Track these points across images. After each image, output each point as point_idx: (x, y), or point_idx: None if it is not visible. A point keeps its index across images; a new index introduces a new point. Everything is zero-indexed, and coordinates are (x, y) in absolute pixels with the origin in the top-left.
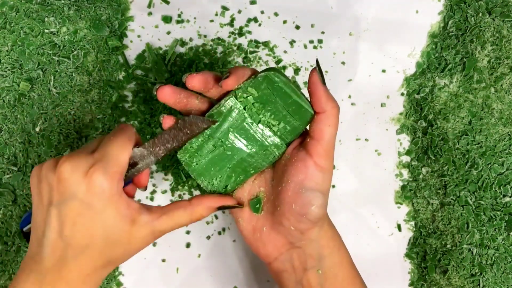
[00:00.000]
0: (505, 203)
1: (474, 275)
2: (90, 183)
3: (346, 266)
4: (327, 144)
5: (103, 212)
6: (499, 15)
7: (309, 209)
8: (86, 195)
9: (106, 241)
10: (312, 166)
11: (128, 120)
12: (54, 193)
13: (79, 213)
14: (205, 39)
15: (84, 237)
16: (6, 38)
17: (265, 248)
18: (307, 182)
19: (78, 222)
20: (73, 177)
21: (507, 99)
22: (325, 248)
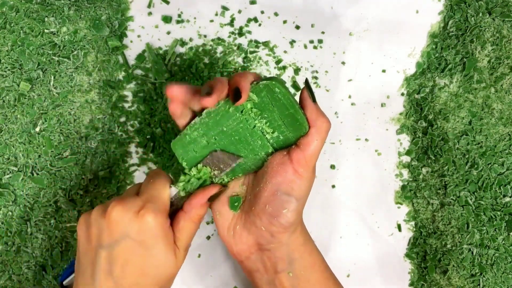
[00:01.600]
0: (505, 203)
1: (474, 275)
2: (143, 222)
3: (318, 269)
4: (310, 155)
5: (155, 248)
6: (499, 15)
7: (281, 212)
8: (138, 234)
9: (156, 277)
10: (291, 171)
11: (128, 120)
12: (104, 236)
13: (131, 252)
14: (205, 39)
15: (134, 275)
16: (6, 38)
17: (237, 246)
18: (284, 186)
19: (130, 261)
20: (125, 218)
21: (507, 99)
22: (295, 252)
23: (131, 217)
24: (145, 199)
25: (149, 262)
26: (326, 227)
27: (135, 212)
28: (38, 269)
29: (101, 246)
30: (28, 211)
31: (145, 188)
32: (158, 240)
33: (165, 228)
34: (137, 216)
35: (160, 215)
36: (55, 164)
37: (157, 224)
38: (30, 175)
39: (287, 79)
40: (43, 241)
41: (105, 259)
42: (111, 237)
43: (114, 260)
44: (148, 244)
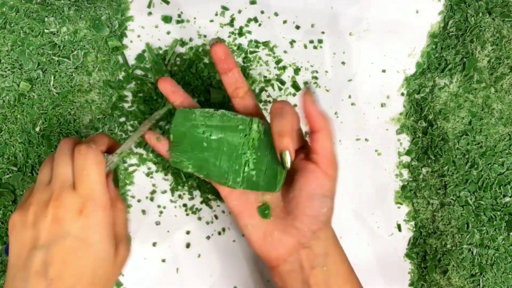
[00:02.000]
0: (505, 203)
1: (474, 275)
2: (86, 220)
3: (345, 262)
4: (330, 155)
5: (97, 244)
6: (499, 15)
7: (321, 212)
8: (81, 232)
9: (93, 277)
10: (321, 175)
11: (128, 120)
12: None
13: (70, 250)
14: (205, 39)
15: (72, 277)
16: (6, 38)
17: (276, 250)
18: (318, 189)
19: (68, 261)
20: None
21: (507, 99)
22: (330, 246)
23: (73, 217)
24: (84, 195)
25: (88, 262)
26: None
27: (76, 210)
28: None
29: (35, 247)
30: None
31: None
32: (102, 235)
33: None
34: (79, 215)
35: (103, 209)
36: None
37: (101, 220)
38: (30, 175)
39: (287, 79)
40: None
41: (40, 260)
42: (50, 237)
43: (50, 261)
44: (90, 241)
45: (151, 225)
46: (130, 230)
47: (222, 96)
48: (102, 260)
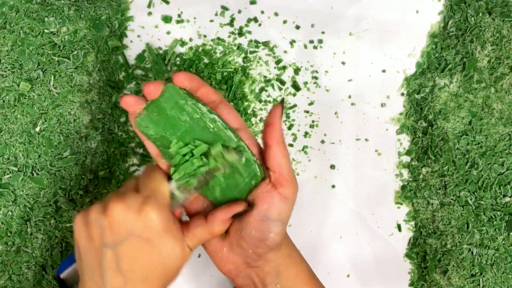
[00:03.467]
0: (505, 203)
1: (474, 275)
2: (146, 219)
3: (303, 277)
4: (286, 174)
5: (161, 244)
6: (499, 15)
7: (268, 236)
8: (143, 231)
9: (164, 270)
10: (277, 197)
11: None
12: (107, 235)
13: (137, 248)
14: (205, 39)
15: (143, 270)
16: (6, 38)
17: (225, 266)
18: (270, 211)
19: (137, 257)
20: (128, 217)
21: (507, 99)
22: (281, 265)
23: (134, 215)
24: (145, 195)
25: (156, 257)
26: (326, 227)
27: (137, 210)
28: (38, 269)
29: (105, 245)
30: (28, 211)
31: (143, 184)
32: (164, 235)
33: (169, 223)
34: (140, 214)
35: (163, 209)
36: (55, 164)
37: (161, 220)
38: (30, 175)
39: (287, 79)
40: (43, 241)
41: (111, 258)
42: (115, 236)
43: (121, 258)
44: (154, 240)
45: None
46: None
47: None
48: (168, 256)
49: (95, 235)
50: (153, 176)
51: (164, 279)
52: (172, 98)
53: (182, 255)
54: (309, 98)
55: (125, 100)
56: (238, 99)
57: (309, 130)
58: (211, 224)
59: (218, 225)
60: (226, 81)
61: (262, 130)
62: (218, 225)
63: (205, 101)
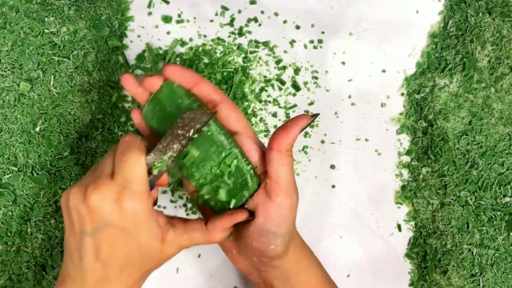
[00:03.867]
0: (505, 203)
1: (474, 275)
2: (122, 209)
3: (314, 284)
4: (285, 182)
5: (138, 233)
6: (499, 15)
7: (268, 248)
8: (120, 221)
9: (142, 258)
10: (273, 208)
11: (128, 120)
12: (86, 223)
13: (115, 237)
14: (205, 39)
15: (122, 257)
16: (6, 38)
17: (237, 265)
18: (268, 224)
19: (115, 245)
20: (104, 206)
21: (507, 99)
22: (290, 271)
23: (110, 205)
24: (121, 184)
25: (133, 246)
26: (326, 227)
27: (113, 200)
28: (38, 269)
29: (84, 232)
30: (28, 211)
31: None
32: (141, 226)
33: (147, 213)
34: (116, 204)
35: (139, 199)
36: (55, 164)
37: (138, 211)
38: (30, 175)
39: (287, 79)
40: (43, 241)
41: (90, 244)
42: (93, 224)
43: (99, 245)
44: (130, 230)
45: None
46: None
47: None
48: (146, 246)
49: (75, 221)
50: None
51: (144, 267)
52: (170, 95)
53: (160, 248)
54: (309, 98)
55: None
56: (238, 99)
57: (309, 130)
58: (211, 232)
59: (218, 233)
60: (226, 81)
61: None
62: (217, 233)
63: (204, 100)
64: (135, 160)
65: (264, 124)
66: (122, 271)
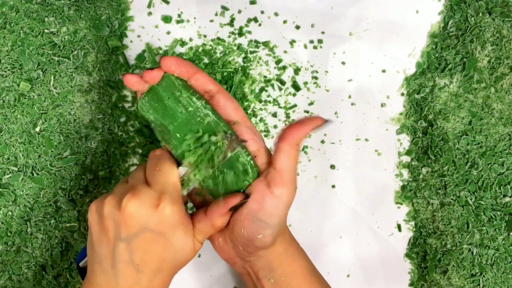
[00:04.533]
0: (505, 203)
1: (474, 275)
2: (161, 214)
3: (300, 275)
4: (287, 175)
5: (174, 237)
6: (499, 15)
7: (256, 237)
8: (157, 226)
9: (175, 262)
10: (269, 198)
11: (129, 120)
12: (121, 229)
13: (150, 242)
14: (205, 39)
15: (155, 262)
16: (6, 38)
17: (222, 254)
18: (260, 213)
19: (150, 250)
20: (142, 211)
21: (507, 99)
22: (274, 261)
23: (149, 211)
24: (159, 190)
25: (169, 250)
26: (326, 227)
27: (152, 205)
28: (38, 269)
29: (119, 239)
30: (28, 211)
31: (153, 177)
32: (177, 230)
33: (182, 217)
34: (155, 209)
35: (177, 204)
36: (55, 164)
37: (175, 215)
38: (30, 175)
39: (287, 79)
40: (43, 241)
41: (124, 250)
42: (129, 230)
43: (134, 251)
44: (167, 234)
45: None
46: None
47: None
48: (180, 250)
49: (109, 228)
50: (162, 167)
51: (175, 269)
52: (168, 87)
53: (193, 248)
54: (309, 98)
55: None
56: (238, 99)
57: None
58: (211, 218)
59: (218, 218)
60: (226, 81)
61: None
62: (217, 219)
63: (200, 91)
64: (169, 169)
65: (264, 124)
66: (155, 276)
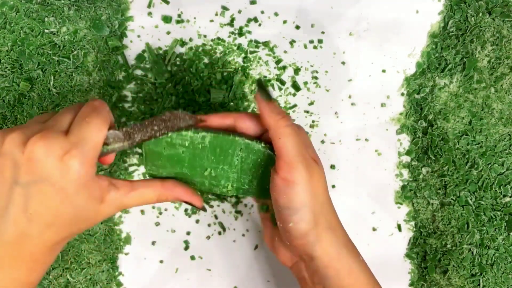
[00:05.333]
0: (505, 203)
1: (474, 275)
2: (66, 169)
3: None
4: (288, 156)
5: (75, 195)
6: (499, 15)
7: (288, 226)
8: (60, 180)
9: (73, 219)
10: (280, 183)
11: (129, 120)
12: (21, 172)
13: (49, 195)
14: (205, 39)
15: (51, 216)
16: (6, 38)
17: (279, 256)
18: (281, 201)
19: (47, 203)
20: (48, 160)
21: (507, 99)
22: (329, 269)
23: (54, 161)
24: (73, 142)
25: (68, 207)
26: None
27: (59, 155)
28: None
29: (16, 182)
30: None
31: (77, 127)
32: (80, 190)
33: (89, 178)
34: (61, 160)
35: (88, 163)
36: None
37: (82, 174)
38: None
39: (287, 79)
40: None
41: (19, 196)
42: (28, 175)
43: (29, 199)
44: (68, 191)
45: (151, 225)
46: (130, 230)
47: (222, 96)
48: (82, 209)
49: (6, 168)
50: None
51: (73, 227)
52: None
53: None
54: (309, 98)
55: None
56: (238, 99)
57: (309, 130)
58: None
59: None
60: (226, 81)
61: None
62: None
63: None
64: (99, 125)
65: None
66: (48, 229)
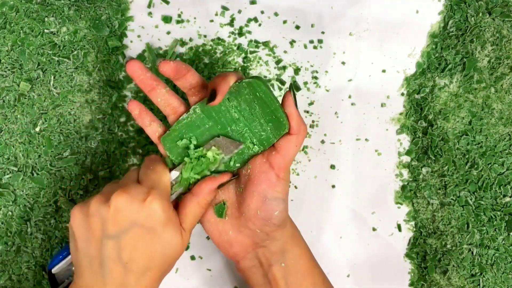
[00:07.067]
0: (505, 203)
1: (474, 275)
2: (150, 209)
3: (305, 258)
4: (289, 159)
5: (163, 232)
6: (499, 15)
7: (273, 215)
8: (147, 221)
9: (163, 259)
10: (274, 178)
11: (129, 120)
12: (109, 226)
13: (139, 238)
14: (205, 39)
15: (143, 259)
16: (6, 38)
17: (232, 249)
18: (270, 191)
19: (138, 247)
20: (131, 207)
21: (507, 99)
22: (287, 244)
23: (138, 206)
24: (149, 186)
25: (157, 246)
26: (326, 227)
27: (140, 200)
28: (38, 269)
29: (107, 236)
30: (28, 211)
31: (146, 175)
32: (166, 225)
33: (170, 213)
34: (143, 204)
35: (166, 200)
36: (55, 164)
37: (164, 210)
38: (30, 175)
39: (287, 79)
40: (43, 241)
41: (112, 248)
42: (117, 226)
43: (122, 248)
44: (156, 230)
45: None
46: None
47: None
48: (169, 245)
49: (96, 226)
50: (155, 167)
51: (163, 268)
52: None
53: (181, 242)
54: (309, 98)
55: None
56: None
57: (309, 130)
58: (197, 195)
59: (206, 195)
60: None
61: None
62: (205, 196)
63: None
64: (162, 169)
65: None
66: (144, 275)
